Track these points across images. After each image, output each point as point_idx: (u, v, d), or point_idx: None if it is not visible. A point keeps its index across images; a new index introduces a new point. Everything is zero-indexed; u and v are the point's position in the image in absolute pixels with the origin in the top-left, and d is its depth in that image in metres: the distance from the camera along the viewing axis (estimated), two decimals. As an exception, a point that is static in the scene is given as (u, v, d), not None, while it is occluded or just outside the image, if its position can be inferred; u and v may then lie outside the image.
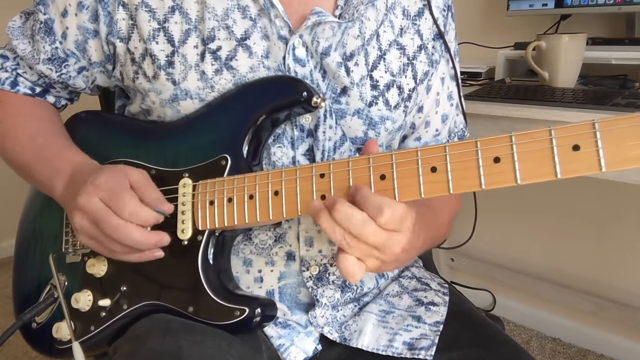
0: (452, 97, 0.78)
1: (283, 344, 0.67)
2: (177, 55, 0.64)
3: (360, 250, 0.52)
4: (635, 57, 1.10)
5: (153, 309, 0.64)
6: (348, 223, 0.50)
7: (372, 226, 0.50)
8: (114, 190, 0.58)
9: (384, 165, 0.52)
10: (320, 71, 0.66)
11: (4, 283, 2.12)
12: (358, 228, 0.50)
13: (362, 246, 0.51)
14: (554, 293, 1.62)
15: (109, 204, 0.58)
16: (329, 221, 0.51)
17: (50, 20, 0.69)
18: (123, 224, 0.58)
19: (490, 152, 0.48)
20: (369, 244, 0.51)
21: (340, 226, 0.51)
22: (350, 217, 0.50)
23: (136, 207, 0.59)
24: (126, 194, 0.59)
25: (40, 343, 0.73)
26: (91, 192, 0.59)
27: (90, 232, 0.61)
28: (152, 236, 0.60)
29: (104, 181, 0.59)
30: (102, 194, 0.58)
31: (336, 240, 0.52)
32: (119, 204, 0.58)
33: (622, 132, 0.43)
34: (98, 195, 0.58)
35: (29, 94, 0.75)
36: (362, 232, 0.50)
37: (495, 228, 1.70)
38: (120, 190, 0.59)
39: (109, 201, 0.58)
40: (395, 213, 0.51)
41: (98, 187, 0.59)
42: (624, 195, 1.43)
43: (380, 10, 0.69)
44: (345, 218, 0.51)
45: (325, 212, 0.52)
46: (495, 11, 1.49)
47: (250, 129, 0.62)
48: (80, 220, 0.60)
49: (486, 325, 0.71)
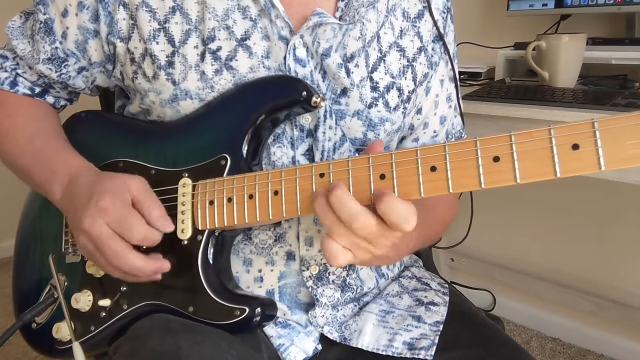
0: (450, 99, 0.78)
1: (283, 343, 0.67)
2: (177, 55, 0.64)
3: (348, 239, 0.51)
4: (635, 57, 1.10)
5: (153, 309, 0.64)
6: (340, 210, 0.50)
7: (363, 217, 0.50)
8: (120, 214, 0.59)
9: (384, 165, 0.52)
10: (321, 72, 0.66)
11: (4, 283, 2.11)
12: (348, 216, 0.50)
13: (351, 236, 0.51)
14: (554, 293, 1.62)
15: (116, 230, 0.59)
16: (323, 205, 0.51)
17: (50, 20, 0.69)
18: (124, 251, 0.59)
19: (490, 151, 0.48)
20: (358, 235, 0.51)
21: (332, 210, 0.51)
22: (344, 204, 0.50)
23: (144, 231, 0.59)
24: (133, 218, 0.59)
25: (41, 343, 0.73)
26: (96, 215, 0.59)
27: (93, 254, 0.61)
28: (151, 264, 0.61)
29: (110, 203, 0.59)
30: (109, 219, 0.59)
31: (325, 224, 0.52)
32: (127, 229, 0.59)
33: (621, 131, 0.43)
34: (104, 220, 0.59)
35: (28, 94, 0.75)
36: (352, 221, 0.50)
37: (495, 228, 1.70)
38: (126, 213, 0.59)
39: (117, 227, 0.59)
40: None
41: (104, 211, 0.59)
42: (624, 195, 1.43)
43: (381, 12, 0.69)
44: (338, 203, 0.50)
45: (322, 196, 0.52)
46: (495, 11, 1.49)
47: (249, 129, 0.62)
48: (84, 242, 0.61)
49: (486, 325, 0.71)
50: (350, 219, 0.50)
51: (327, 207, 0.51)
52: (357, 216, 0.50)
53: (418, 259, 0.88)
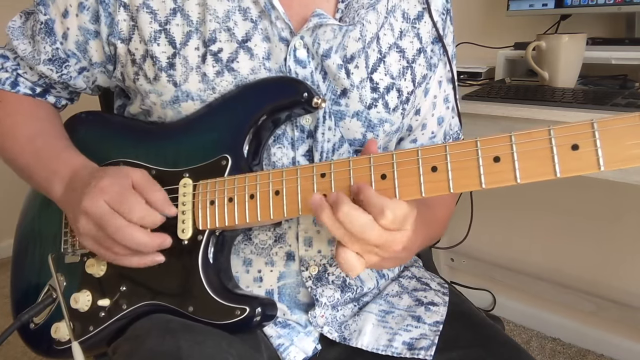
0: (448, 100, 0.78)
1: (283, 343, 0.67)
2: (178, 57, 0.64)
3: (361, 247, 0.52)
4: (635, 57, 1.10)
5: (152, 309, 0.64)
6: (351, 225, 0.51)
7: (375, 230, 0.51)
8: (120, 193, 0.59)
9: (385, 165, 0.52)
10: (321, 73, 0.66)
11: (2, 283, 2.12)
12: (360, 230, 0.51)
13: (363, 244, 0.52)
14: (554, 293, 1.62)
15: (115, 207, 0.59)
16: (331, 219, 0.52)
17: (51, 20, 0.69)
18: (126, 225, 0.58)
19: (490, 151, 0.48)
20: (370, 244, 0.52)
21: (342, 226, 0.51)
22: (353, 219, 0.51)
23: (144, 210, 0.59)
24: (133, 197, 0.59)
25: (38, 344, 0.73)
26: (96, 194, 0.59)
27: (94, 235, 0.61)
28: (154, 238, 0.60)
29: (109, 184, 0.59)
30: (108, 197, 0.59)
31: (337, 237, 0.52)
32: (127, 207, 0.58)
33: (620, 131, 0.43)
34: (103, 198, 0.59)
35: (29, 94, 0.75)
36: (364, 235, 0.51)
37: (495, 228, 1.70)
38: (126, 193, 0.59)
39: (115, 204, 0.59)
40: (398, 213, 0.51)
41: (103, 190, 0.59)
42: (624, 195, 1.43)
43: (381, 13, 0.69)
44: (347, 220, 0.51)
45: (328, 209, 0.52)
46: (495, 11, 1.49)
47: (251, 129, 0.62)
48: (85, 223, 0.60)
49: (486, 325, 0.71)
50: (362, 232, 0.51)
51: (338, 224, 0.51)
52: (367, 228, 0.51)
53: (418, 259, 0.88)
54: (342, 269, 0.54)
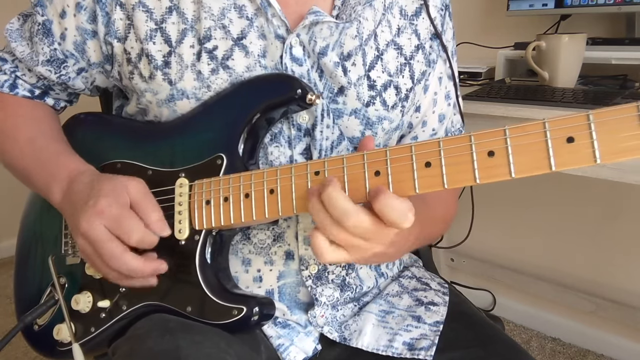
0: (449, 97, 0.78)
1: (282, 343, 0.67)
2: (173, 55, 0.64)
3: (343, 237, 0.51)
4: (635, 57, 1.10)
5: (152, 309, 0.64)
6: (333, 208, 0.50)
7: (355, 216, 0.49)
8: (118, 217, 0.59)
9: (379, 162, 0.52)
10: (318, 71, 0.66)
11: (4, 283, 2.12)
12: (341, 213, 0.50)
13: (345, 234, 0.51)
14: (554, 293, 1.62)
15: (113, 231, 0.59)
16: (315, 203, 0.51)
17: (49, 21, 0.69)
18: (121, 253, 0.59)
19: (484, 146, 0.47)
20: (353, 234, 0.51)
21: (324, 208, 0.51)
22: (335, 201, 0.50)
23: (142, 233, 0.60)
24: (131, 220, 0.59)
25: (42, 345, 0.73)
26: (93, 217, 0.59)
27: (90, 254, 0.61)
28: (149, 265, 0.61)
29: (107, 205, 0.59)
30: (106, 222, 0.59)
31: (317, 222, 0.51)
32: (125, 231, 0.59)
33: (617, 123, 0.43)
34: (102, 222, 0.59)
35: (28, 97, 0.75)
36: (343, 219, 0.50)
37: (495, 228, 1.70)
38: (124, 215, 0.59)
39: (114, 228, 0.59)
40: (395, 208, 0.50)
41: (100, 213, 0.59)
42: (623, 195, 1.43)
43: (378, 10, 0.69)
44: (329, 201, 0.50)
45: (316, 194, 0.52)
46: (495, 11, 1.49)
47: (245, 128, 0.62)
48: (82, 243, 0.61)
49: (486, 325, 0.71)
50: (342, 217, 0.50)
51: (320, 205, 0.51)
52: (348, 214, 0.49)
53: (418, 259, 0.88)
54: (313, 253, 0.53)
